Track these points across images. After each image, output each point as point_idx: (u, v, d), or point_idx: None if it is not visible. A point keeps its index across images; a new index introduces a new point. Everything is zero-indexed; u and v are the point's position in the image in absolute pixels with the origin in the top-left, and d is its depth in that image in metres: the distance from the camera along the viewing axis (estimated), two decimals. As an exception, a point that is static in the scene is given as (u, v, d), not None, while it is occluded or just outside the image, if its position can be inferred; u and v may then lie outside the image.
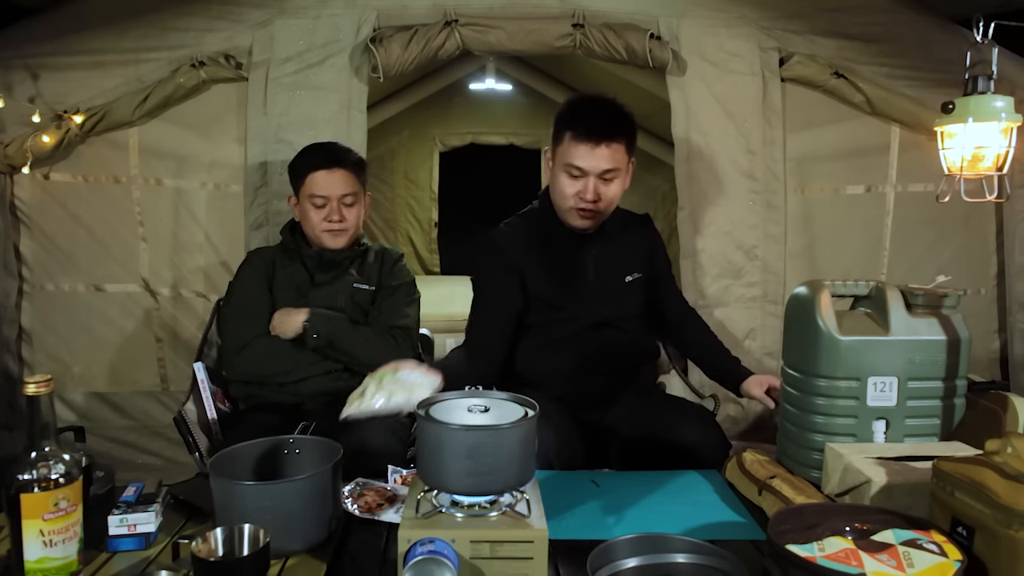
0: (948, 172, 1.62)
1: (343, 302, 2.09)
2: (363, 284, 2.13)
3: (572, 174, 1.84)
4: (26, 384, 1.06)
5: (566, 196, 1.87)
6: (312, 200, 2.04)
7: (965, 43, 1.56)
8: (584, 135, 1.80)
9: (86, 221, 2.59)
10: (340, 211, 2.05)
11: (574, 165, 1.82)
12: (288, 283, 2.10)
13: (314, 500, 1.26)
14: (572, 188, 1.85)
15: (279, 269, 2.12)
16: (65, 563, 1.08)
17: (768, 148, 2.59)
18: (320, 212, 2.05)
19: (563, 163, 1.85)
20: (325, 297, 2.08)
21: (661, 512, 1.47)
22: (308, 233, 2.10)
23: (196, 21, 2.47)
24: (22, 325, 2.61)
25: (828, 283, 1.56)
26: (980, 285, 2.69)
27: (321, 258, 2.10)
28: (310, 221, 2.07)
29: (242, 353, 2.01)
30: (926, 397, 1.51)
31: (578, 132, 1.81)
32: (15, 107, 2.37)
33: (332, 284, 2.10)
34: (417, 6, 2.50)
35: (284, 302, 2.06)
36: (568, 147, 1.83)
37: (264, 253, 2.18)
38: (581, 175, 1.83)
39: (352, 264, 2.14)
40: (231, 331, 2.07)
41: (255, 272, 2.11)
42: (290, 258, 2.13)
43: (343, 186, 2.05)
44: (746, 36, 2.55)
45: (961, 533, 1.08)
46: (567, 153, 1.83)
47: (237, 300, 2.10)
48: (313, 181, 2.04)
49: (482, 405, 1.23)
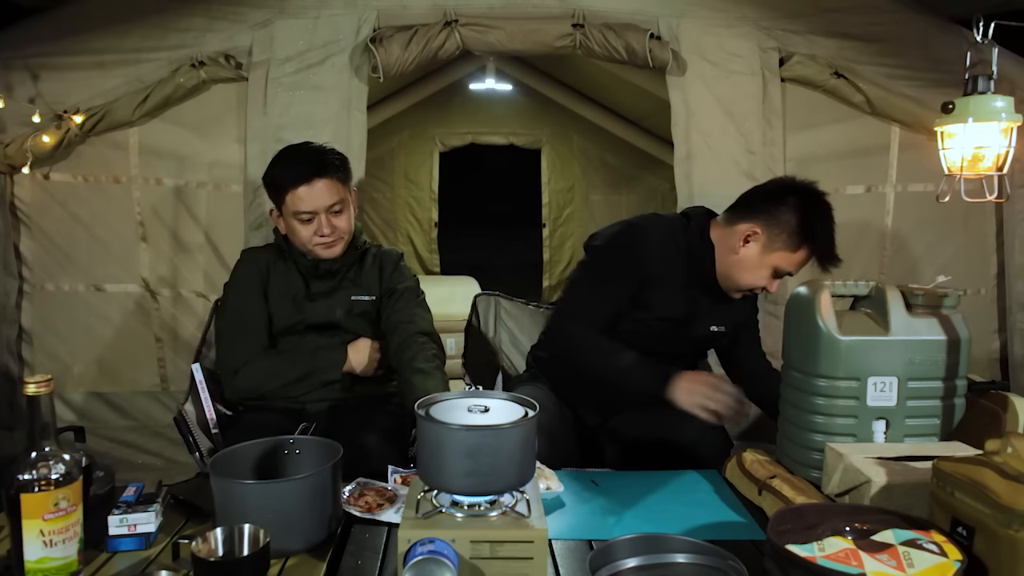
0: (948, 172, 1.62)
1: (341, 315, 1.99)
2: (362, 295, 2.02)
3: (779, 274, 1.84)
4: (26, 384, 1.06)
5: (756, 281, 1.84)
6: (297, 217, 1.90)
7: (965, 43, 1.56)
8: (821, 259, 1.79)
9: (86, 221, 2.59)
10: (330, 222, 1.91)
11: (787, 271, 1.82)
12: (283, 292, 1.98)
13: (314, 500, 1.26)
14: (765, 282, 1.84)
15: (273, 276, 2.00)
16: (65, 563, 1.08)
17: (768, 148, 2.59)
18: (308, 227, 1.91)
19: (776, 265, 1.81)
20: (322, 311, 1.98)
21: (661, 512, 1.47)
22: (300, 246, 1.97)
23: (196, 21, 2.47)
24: (22, 325, 2.61)
25: (828, 283, 1.56)
26: (980, 285, 2.69)
27: (317, 267, 1.99)
28: (299, 237, 1.93)
29: (240, 374, 1.91)
30: (926, 397, 1.51)
31: (817, 254, 1.79)
32: (15, 107, 2.37)
33: (329, 296, 2.00)
34: (417, 6, 2.50)
35: (279, 312, 1.97)
36: (797, 258, 1.80)
37: (258, 256, 2.04)
38: (785, 275, 1.84)
39: (350, 270, 2.03)
40: (227, 350, 1.96)
41: (250, 280, 1.99)
42: (285, 263, 2.01)
43: (328, 196, 1.90)
44: (746, 36, 2.55)
45: (961, 533, 1.08)
46: (790, 261, 1.80)
47: (232, 315, 1.98)
48: (296, 198, 1.88)
49: (482, 405, 1.23)
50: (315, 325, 1.98)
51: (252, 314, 1.96)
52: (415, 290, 2.08)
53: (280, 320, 1.97)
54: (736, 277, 1.86)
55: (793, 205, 1.77)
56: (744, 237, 1.81)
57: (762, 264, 1.82)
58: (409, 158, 6.33)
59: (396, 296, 2.04)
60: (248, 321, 1.95)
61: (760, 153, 2.58)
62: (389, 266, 2.08)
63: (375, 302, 2.04)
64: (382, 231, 6.26)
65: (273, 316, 1.97)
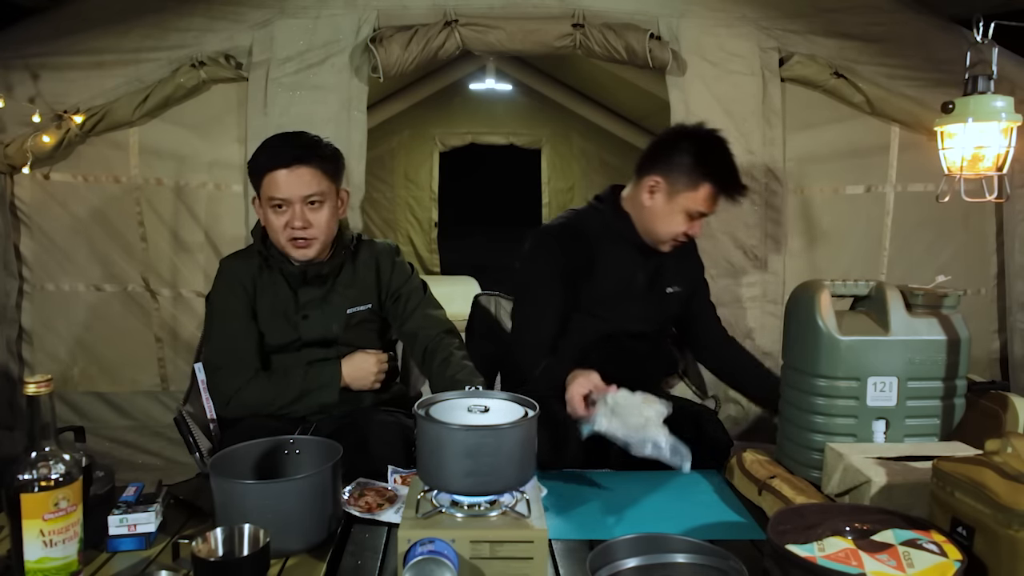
0: (948, 172, 1.62)
1: (338, 331, 1.88)
2: (358, 305, 1.91)
3: (692, 216, 1.87)
4: (26, 384, 1.06)
5: (673, 228, 1.88)
6: (271, 203, 1.76)
7: (965, 43, 1.56)
8: (723, 190, 1.86)
9: (86, 221, 2.59)
10: (303, 215, 1.76)
11: (698, 211, 1.86)
12: (273, 308, 1.86)
13: (314, 500, 1.26)
14: (683, 227, 1.88)
15: (260, 291, 1.86)
16: (65, 563, 1.07)
17: (768, 148, 2.58)
18: (280, 217, 1.76)
19: (686, 208, 1.86)
20: (317, 327, 1.86)
21: (661, 512, 1.47)
22: (274, 242, 1.83)
23: (196, 21, 2.47)
24: (22, 325, 2.61)
25: (828, 283, 1.56)
26: (980, 285, 2.69)
27: (305, 274, 1.84)
28: (272, 227, 1.79)
29: (231, 405, 1.81)
30: (926, 397, 1.51)
31: (716, 185, 1.85)
32: (15, 107, 2.37)
33: (322, 306, 1.87)
34: (417, 6, 2.50)
35: (271, 331, 1.85)
36: (701, 195, 1.85)
37: (240, 270, 1.87)
38: (700, 216, 1.88)
39: (340, 273, 1.90)
40: (215, 380, 1.84)
41: (233, 302, 1.85)
42: (270, 272, 1.87)
43: (307, 186, 1.74)
44: (746, 36, 2.55)
45: (961, 533, 1.08)
46: (695, 200, 1.85)
47: (218, 343, 1.86)
48: (272, 182, 1.74)
49: (482, 405, 1.23)
50: (311, 342, 1.89)
51: (238, 339, 1.84)
52: (420, 289, 1.98)
53: (273, 338, 1.87)
54: (654, 230, 1.91)
55: (685, 148, 1.86)
56: (648, 189, 1.88)
57: (672, 210, 1.87)
58: (409, 158, 6.33)
59: (402, 300, 1.94)
60: (235, 347, 1.84)
61: (760, 153, 2.58)
62: (386, 265, 1.96)
63: (374, 309, 1.95)
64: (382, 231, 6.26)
65: (265, 334, 1.86)
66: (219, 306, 1.88)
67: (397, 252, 2.03)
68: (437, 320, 1.94)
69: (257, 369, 1.85)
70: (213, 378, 1.86)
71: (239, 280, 1.86)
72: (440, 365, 1.83)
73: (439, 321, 1.94)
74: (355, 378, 1.87)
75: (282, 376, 1.85)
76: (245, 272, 1.87)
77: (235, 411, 1.82)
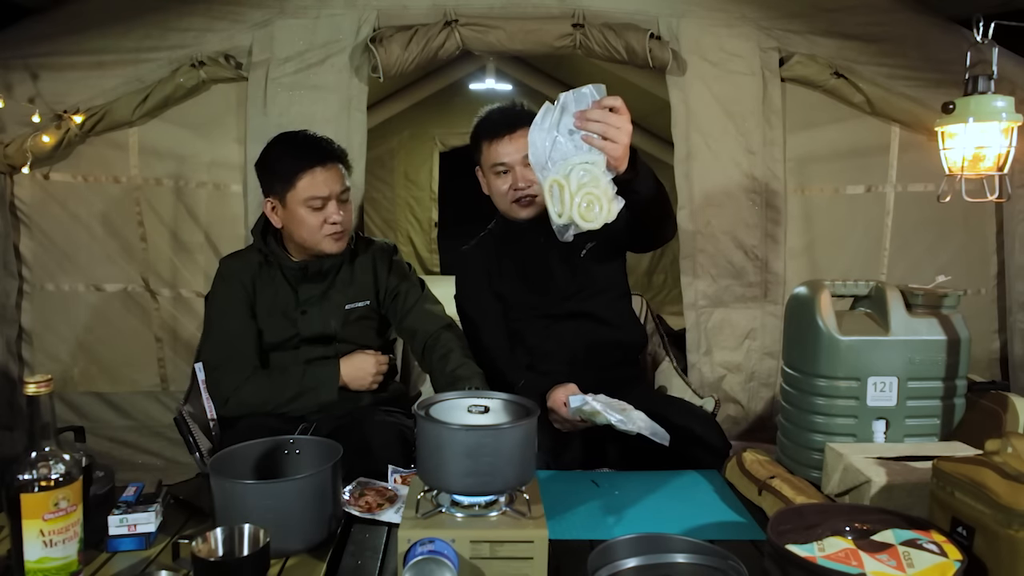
0: (949, 172, 1.62)
1: (336, 327, 1.92)
2: (357, 302, 1.95)
3: (500, 171, 1.96)
4: (26, 384, 1.06)
5: (504, 193, 1.97)
6: (310, 203, 1.81)
7: (965, 43, 1.56)
8: (495, 133, 1.95)
9: (86, 221, 2.59)
10: (339, 210, 1.84)
11: (500, 163, 1.95)
12: (273, 306, 1.89)
13: (314, 500, 1.26)
14: (505, 184, 1.97)
15: (260, 289, 1.90)
16: (65, 563, 1.08)
17: (768, 148, 2.58)
18: (318, 215, 1.82)
19: (490, 166, 1.97)
20: (316, 323, 1.90)
21: (661, 512, 1.47)
22: (302, 240, 1.86)
23: (196, 21, 2.47)
24: (22, 325, 2.61)
25: (828, 283, 1.56)
26: (980, 285, 2.69)
27: (306, 270, 1.89)
28: (307, 226, 1.83)
29: (230, 404, 1.84)
30: (926, 397, 1.51)
31: (489, 133, 1.96)
32: (15, 107, 2.37)
33: (321, 303, 1.91)
34: (417, 6, 2.50)
35: (270, 328, 1.89)
36: (491, 150, 1.96)
37: (240, 269, 1.91)
38: (507, 169, 1.96)
39: (340, 270, 1.95)
40: (214, 378, 1.86)
41: (233, 300, 1.88)
42: (270, 270, 1.91)
43: (341, 182, 1.85)
44: (746, 36, 2.55)
45: (961, 533, 1.08)
46: (492, 155, 1.95)
47: (217, 339, 1.88)
48: (312, 182, 1.80)
49: (482, 405, 1.23)
50: (309, 338, 1.91)
51: (237, 338, 1.87)
52: (418, 286, 2.02)
53: (271, 335, 1.90)
54: (500, 205, 2.04)
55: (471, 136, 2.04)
56: (482, 181, 2.05)
57: (491, 180, 2.01)
58: (409, 158, 6.34)
59: (401, 297, 1.99)
60: (234, 345, 1.86)
61: (760, 153, 2.58)
62: (383, 263, 2.01)
63: (372, 306, 1.98)
64: (382, 231, 6.27)
65: (264, 332, 1.90)
66: (218, 305, 1.91)
67: (395, 251, 2.08)
68: (436, 316, 1.97)
69: (256, 367, 1.88)
70: (212, 376, 1.88)
71: (239, 279, 1.90)
72: (440, 360, 1.86)
73: (438, 317, 1.97)
74: (353, 378, 1.89)
75: (281, 374, 1.87)
76: (245, 271, 1.91)
77: (234, 409, 1.84)
